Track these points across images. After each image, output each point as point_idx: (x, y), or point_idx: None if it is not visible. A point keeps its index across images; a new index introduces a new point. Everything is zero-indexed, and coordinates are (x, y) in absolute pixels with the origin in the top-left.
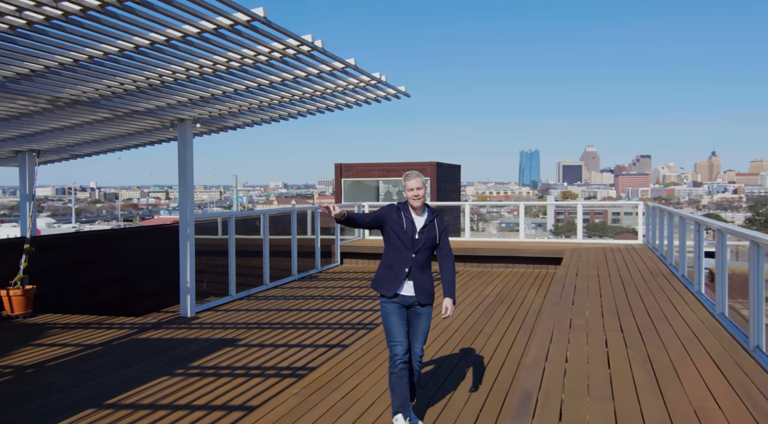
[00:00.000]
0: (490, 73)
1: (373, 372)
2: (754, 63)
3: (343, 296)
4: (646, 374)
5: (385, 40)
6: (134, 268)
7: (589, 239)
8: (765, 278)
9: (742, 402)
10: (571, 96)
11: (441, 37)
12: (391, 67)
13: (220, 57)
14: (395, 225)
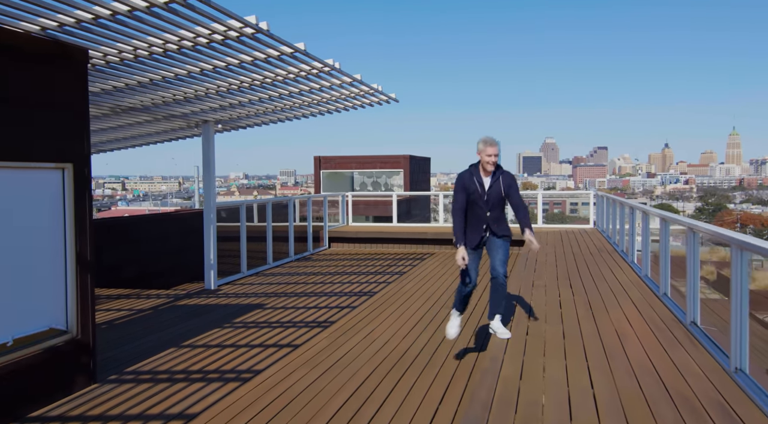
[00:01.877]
0: (451, 63)
1: (382, 322)
2: (705, 56)
3: (339, 273)
4: (586, 311)
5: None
6: (146, 251)
7: (547, 224)
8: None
9: (648, 326)
10: (530, 87)
11: (400, 25)
12: (370, 61)
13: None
14: (470, 189)
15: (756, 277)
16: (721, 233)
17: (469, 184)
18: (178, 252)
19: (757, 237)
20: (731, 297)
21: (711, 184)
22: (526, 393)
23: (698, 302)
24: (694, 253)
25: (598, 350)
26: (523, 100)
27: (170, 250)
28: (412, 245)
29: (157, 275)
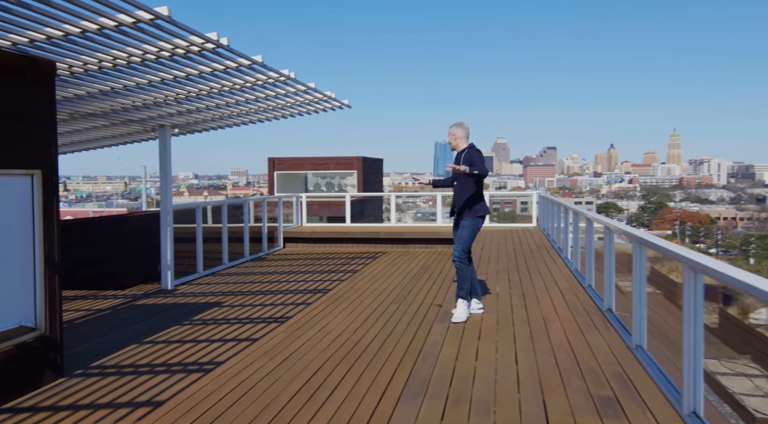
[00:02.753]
0: (401, 63)
1: (336, 317)
2: (647, 57)
3: (294, 271)
4: (519, 301)
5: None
6: (101, 253)
7: (495, 223)
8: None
9: (571, 312)
10: (482, 87)
11: (346, 24)
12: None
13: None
14: None
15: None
16: (625, 231)
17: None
18: (134, 253)
19: (692, 235)
20: (633, 285)
21: (653, 183)
22: (460, 370)
23: (613, 292)
24: (610, 249)
25: (525, 333)
26: (475, 100)
27: (125, 251)
28: (365, 244)
29: (112, 277)
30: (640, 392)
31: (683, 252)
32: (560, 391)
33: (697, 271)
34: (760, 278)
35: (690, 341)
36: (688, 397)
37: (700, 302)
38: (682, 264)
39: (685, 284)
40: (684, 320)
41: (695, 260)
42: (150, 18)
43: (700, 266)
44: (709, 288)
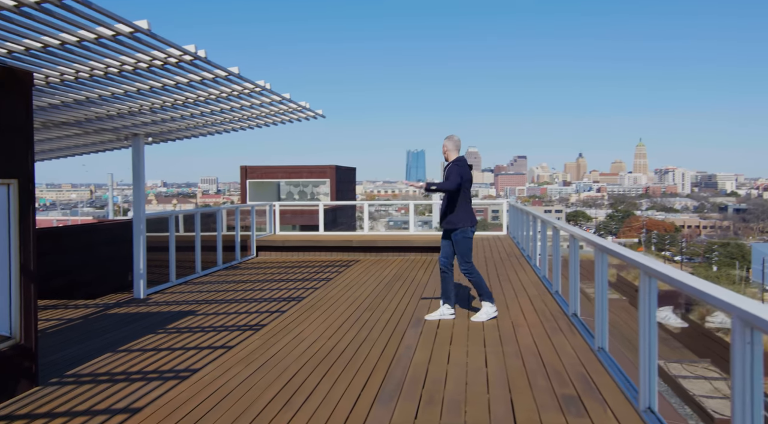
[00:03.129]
0: (373, 70)
1: (311, 324)
2: (615, 67)
3: (267, 280)
4: None
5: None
6: (72, 262)
7: None
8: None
9: (539, 317)
10: (454, 96)
11: (312, 32)
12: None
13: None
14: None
15: None
16: (588, 239)
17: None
18: (105, 262)
19: (658, 243)
20: (595, 290)
21: (620, 192)
22: (433, 373)
23: (578, 298)
24: (575, 256)
25: (495, 338)
26: (447, 108)
27: (97, 260)
28: (339, 252)
29: (84, 286)
30: (601, 391)
31: (639, 258)
32: (527, 391)
33: (651, 275)
34: (704, 281)
35: (645, 340)
36: (644, 394)
37: (654, 305)
38: (639, 269)
39: (641, 287)
40: (640, 321)
41: (649, 266)
42: (130, 31)
43: (654, 271)
44: (673, 295)
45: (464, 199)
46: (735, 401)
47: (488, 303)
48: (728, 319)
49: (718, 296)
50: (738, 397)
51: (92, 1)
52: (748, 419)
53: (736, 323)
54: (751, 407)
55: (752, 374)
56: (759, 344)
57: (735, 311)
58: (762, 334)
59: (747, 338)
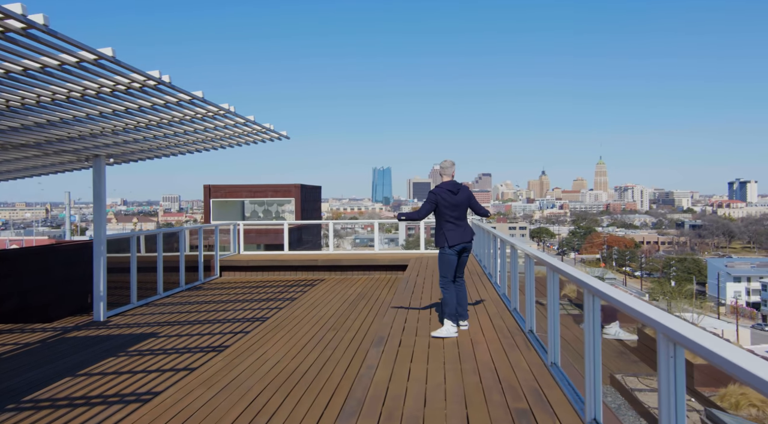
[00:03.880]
0: (339, 87)
1: (274, 344)
2: (573, 84)
3: (231, 300)
4: None
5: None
6: (27, 284)
7: (432, 250)
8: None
9: (497, 334)
10: (417, 113)
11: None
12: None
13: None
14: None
15: None
16: (540, 258)
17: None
18: (63, 285)
19: (619, 259)
20: (547, 308)
21: (582, 208)
22: (393, 390)
23: (534, 315)
24: (530, 275)
25: (454, 355)
26: (412, 126)
27: (54, 282)
28: (303, 271)
29: (40, 309)
30: (551, 404)
31: (584, 279)
32: (482, 406)
33: (594, 295)
34: (637, 300)
35: (590, 356)
36: (590, 405)
37: (598, 322)
38: (584, 289)
39: (586, 306)
40: (585, 338)
41: (593, 286)
42: (94, 58)
43: (596, 291)
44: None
45: (443, 221)
46: (662, 410)
47: (449, 322)
48: None
49: (646, 313)
50: (664, 406)
51: (56, 29)
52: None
53: (661, 339)
54: (675, 414)
55: (675, 384)
56: (681, 357)
57: (660, 327)
58: (683, 349)
59: (671, 352)
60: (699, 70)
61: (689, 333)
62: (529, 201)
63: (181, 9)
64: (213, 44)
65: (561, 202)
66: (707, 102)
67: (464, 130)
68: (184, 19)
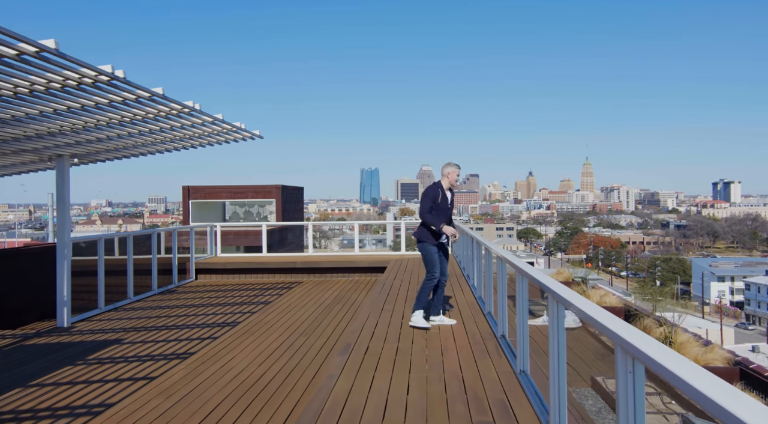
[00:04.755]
0: (326, 90)
1: (242, 351)
2: (560, 84)
3: (203, 304)
4: (421, 330)
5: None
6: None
7: (412, 251)
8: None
9: (468, 339)
10: (406, 115)
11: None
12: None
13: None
14: (438, 200)
15: None
16: (511, 262)
17: (437, 196)
18: (28, 289)
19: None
20: (516, 311)
21: (569, 209)
22: (352, 402)
23: (506, 318)
24: (502, 277)
25: (421, 362)
26: (401, 126)
27: (18, 287)
28: (281, 274)
29: (6, 314)
30: (516, 416)
31: (550, 285)
32: (444, 419)
33: (559, 302)
34: (602, 311)
35: (555, 365)
36: (554, 416)
37: (563, 330)
38: (548, 295)
39: (550, 313)
40: (550, 346)
41: (559, 294)
42: (35, 50)
43: (561, 299)
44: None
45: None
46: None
47: (418, 312)
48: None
49: (609, 326)
50: (622, 418)
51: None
52: None
53: (618, 353)
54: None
55: (635, 401)
56: (640, 372)
57: (619, 341)
58: (643, 365)
59: (629, 368)
60: (683, 70)
61: (650, 350)
62: (516, 202)
63: (165, 12)
64: (200, 48)
65: (548, 202)
66: (691, 103)
67: (452, 131)
68: (172, 22)
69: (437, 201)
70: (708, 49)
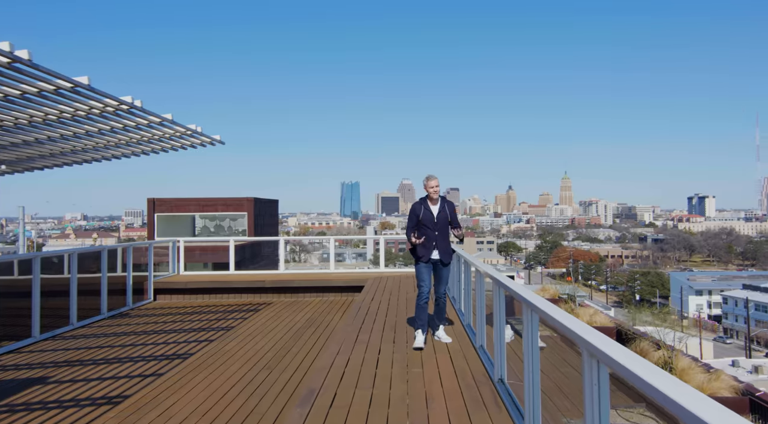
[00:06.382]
0: (306, 103)
1: (189, 392)
2: (539, 98)
3: (157, 331)
4: (401, 368)
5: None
6: None
7: (391, 268)
8: None
9: (458, 383)
10: (387, 128)
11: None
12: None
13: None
14: (421, 215)
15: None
16: (513, 290)
17: (419, 211)
18: None
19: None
20: (523, 356)
21: (548, 223)
22: None
23: (504, 358)
24: (500, 307)
25: (401, 416)
26: (380, 142)
27: None
28: (250, 294)
29: None
30: None
31: (528, 297)
32: None
33: (534, 310)
34: (575, 320)
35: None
36: None
37: (536, 337)
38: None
39: (525, 320)
40: (524, 360)
41: (535, 304)
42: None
43: (535, 308)
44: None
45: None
46: None
47: (416, 332)
48: None
49: (575, 330)
50: None
51: None
52: None
53: None
54: None
55: None
56: None
57: None
58: None
59: None
60: (658, 84)
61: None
62: (496, 215)
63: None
64: (176, 61)
65: (527, 216)
66: (664, 116)
67: (433, 144)
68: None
69: (420, 216)
70: (683, 63)
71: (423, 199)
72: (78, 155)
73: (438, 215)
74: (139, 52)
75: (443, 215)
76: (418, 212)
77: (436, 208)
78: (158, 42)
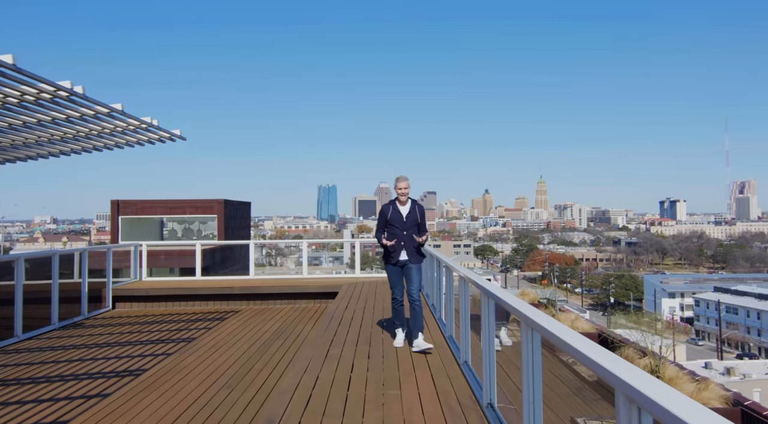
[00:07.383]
0: (283, 107)
1: (134, 417)
2: (515, 103)
3: (110, 343)
4: (376, 390)
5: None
6: None
7: (367, 273)
8: None
9: (441, 409)
10: (364, 132)
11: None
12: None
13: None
14: (389, 217)
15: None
16: (509, 303)
17: (387, 213)
18: None
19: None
20: (522, 374)
21: (524, 226)
22: None
23: (494, 380)
24: (489, 321)
25: None
26: (356, 144)
27: None
28: (216, 301)
29: None
30: None
31: (529, 313)
32: None
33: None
34: None
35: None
36: None
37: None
38: None
39: (523, 340)
40: (523, 387)
41: (542, 325)
42: None
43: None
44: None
45: (389, 240)
46: None
47: (396, 331)
48: None
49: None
50: None
51: None
52: None
53: None
54: None
55: None
56: None
57: None
58: None
59: None
60: (630, 90)
61: None
62: (473, 219)
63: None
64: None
65: (504, 220)
66: (636, 122)
67: (410, 148)
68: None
69: (388, 218)
70: (656, 68)
71: (393, 200)
72: (20, 151)
73: (407, 216)
74: (110, 56)
75: (412, 217)
76: (386, 213)
77: (405, 209)
78: (133, 46)
